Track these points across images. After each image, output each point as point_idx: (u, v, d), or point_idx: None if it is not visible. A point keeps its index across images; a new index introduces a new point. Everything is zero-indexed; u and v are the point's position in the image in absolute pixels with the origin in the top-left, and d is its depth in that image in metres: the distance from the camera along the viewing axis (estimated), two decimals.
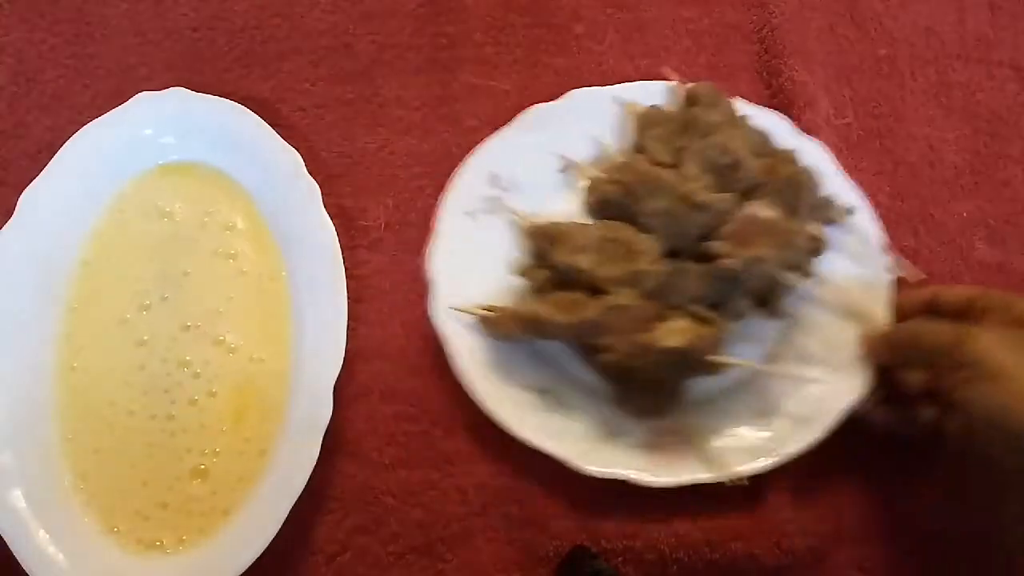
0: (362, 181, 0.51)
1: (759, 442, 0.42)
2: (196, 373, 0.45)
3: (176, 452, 0.44)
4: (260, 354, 0.46)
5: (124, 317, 0.46)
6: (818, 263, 0.44)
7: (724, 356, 0.41)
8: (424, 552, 0.43)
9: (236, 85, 0.53)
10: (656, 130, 0.47)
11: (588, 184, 0.46)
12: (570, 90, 0.50)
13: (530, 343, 0.44)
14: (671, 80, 0.50)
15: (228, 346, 0.46)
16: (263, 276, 0.47)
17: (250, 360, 0.45)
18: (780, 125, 0.49)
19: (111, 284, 0.47)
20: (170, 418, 0.44)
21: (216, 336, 0.46)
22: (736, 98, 0.48)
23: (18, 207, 0.46)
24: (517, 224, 0.47)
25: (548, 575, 0.42)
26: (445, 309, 0.44)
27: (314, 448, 0.41)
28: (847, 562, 0.44)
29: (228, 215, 0.48)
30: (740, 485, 0.41)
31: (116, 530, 0.42)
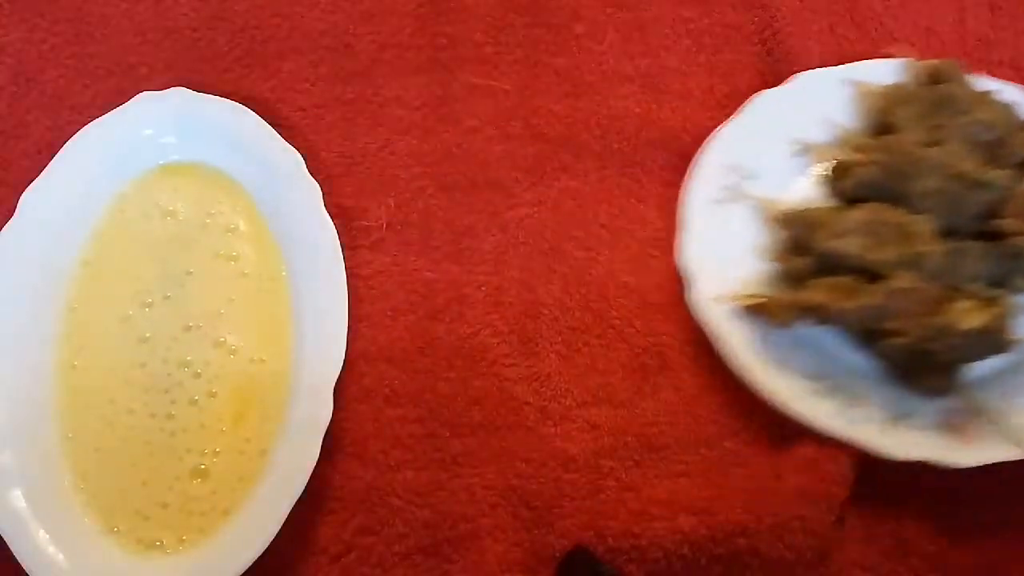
0: (363, 181, 0.50)
1: None
2: (196, 373, 0.45)
3: (176, 452, 0.44)
4: (261, 355, 0.45)
5: (126, 314, 0.46)
6: None
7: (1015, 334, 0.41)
8: (430, 553, 0.43)
9: (236, 85, 0.52)
10: (908, 109, 0.46)
11: (834, 167, 0.46)
12: (762, 95, 0.50)
13: (794, 330, 0.44)
14: (902, 57, 0.49)
15: (229, 347, 0.45)
16: (264, 277, 0.47)
17: (251, 361, 0.45)
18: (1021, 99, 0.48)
19: (112, 284, 0.47)
20: (170, 417, 0.44)
21: (217, 338, 0.46)
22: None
23: (18, 207, 0.46)
24: (763, 211, 0.47)
25: None
26: (706, 300, 0.44)
27: (315, 448, 0.41)
28: (850, 561, 0.43)
29: (230, 217, 0.48)
30: None
31: (116, 530, 0.42)
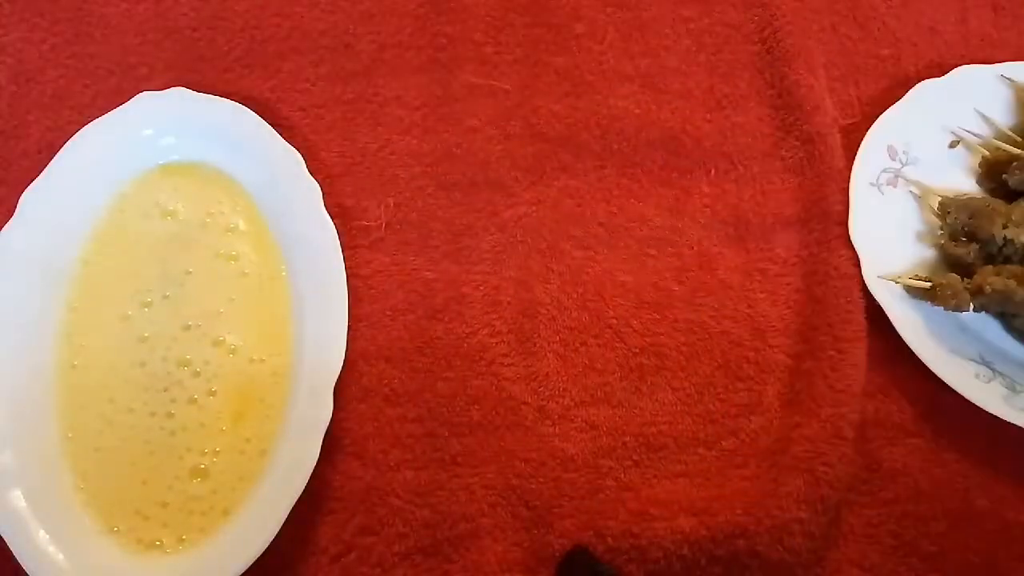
0: (363, 181, 0.50)
1: None
2: (196, 372, 0.45)
3: (176, 451, 0.44)
4: (260, 355, 0.45)
5: (126, 313, 0.46)
6: None
7: None
8: (430, 553, 0.43)
9: (236, 85, 0.52)
10: None
11: (994, 160, 0.49)
12: (919, 82, 0.51)
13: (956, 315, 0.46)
14: None
15: (228, 347, 0.46)
16: (264, 276, 0.47)
17: (250, 361, 0.45)
18: None
19: (112, 283, 0.47)
20: (170, 416, 0.44)
21: (216, 337, 0.46)
22: None
23: (18, 207, 0.46)
24: (925, 198, 0.49)
25: None
26: (874, 278, 0.46)
27: (315, 448, 0.41)
28: (848, 560, 0.43)
29: (230, 217, 0.48)
30: None
31: (116, 530, 0.42)
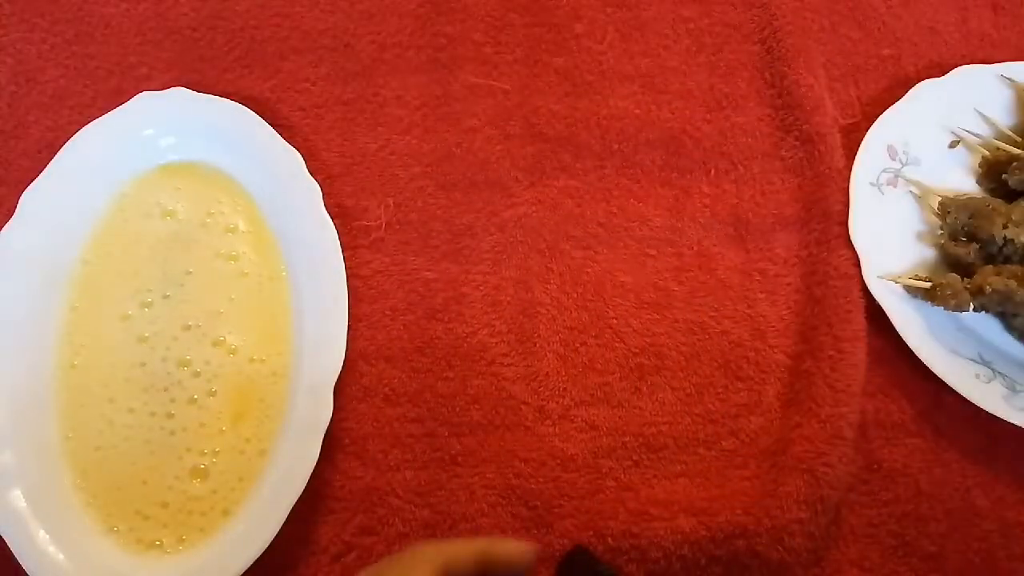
0: (362, 181, 0.50)
1: None
2: (196, 372, 0.45)
3: (176, 451, 0.44)
4: (260, 355, 0.45)
5: (126, 313, 0.46)
6: None
7: None
8: None
9: (236, 85, 0.52)
10: None
11: (994, 160, 0.49)
12: (919, 85, 0.51)
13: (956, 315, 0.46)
14: None
15: (228, 347, 0.46)
16: (264, 276, 0.47)
17: (250, 361, 0.45)
18: None
19: (112, 283, 0.47)
20: (169, 416, 0.44)
21: (216, 337, 0.46)
22: None
23: (18, 207, 0.46)
24: (925, 198, 0.49)
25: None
26: (874, 278, 0.46)
27: (314, 448, 0.41)
28: (848, 560, 0.43)
29: (230, 217, 0.48)
30: None
31: (116, 530, 0.42)
